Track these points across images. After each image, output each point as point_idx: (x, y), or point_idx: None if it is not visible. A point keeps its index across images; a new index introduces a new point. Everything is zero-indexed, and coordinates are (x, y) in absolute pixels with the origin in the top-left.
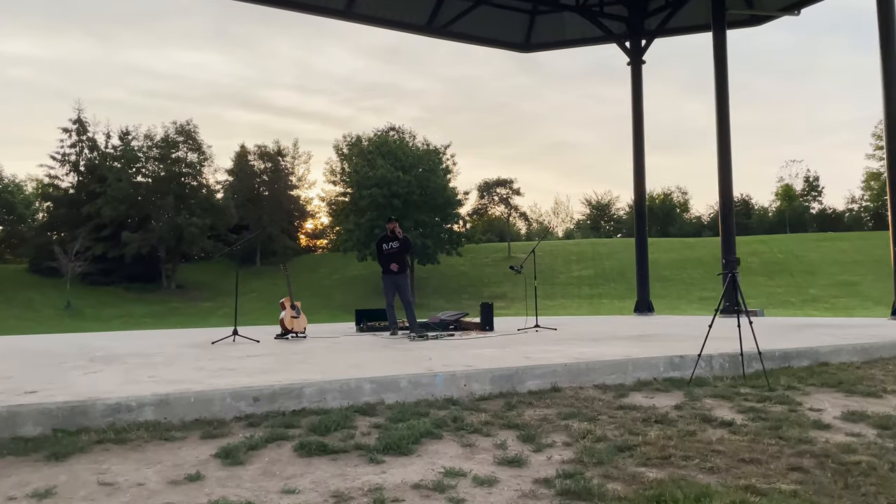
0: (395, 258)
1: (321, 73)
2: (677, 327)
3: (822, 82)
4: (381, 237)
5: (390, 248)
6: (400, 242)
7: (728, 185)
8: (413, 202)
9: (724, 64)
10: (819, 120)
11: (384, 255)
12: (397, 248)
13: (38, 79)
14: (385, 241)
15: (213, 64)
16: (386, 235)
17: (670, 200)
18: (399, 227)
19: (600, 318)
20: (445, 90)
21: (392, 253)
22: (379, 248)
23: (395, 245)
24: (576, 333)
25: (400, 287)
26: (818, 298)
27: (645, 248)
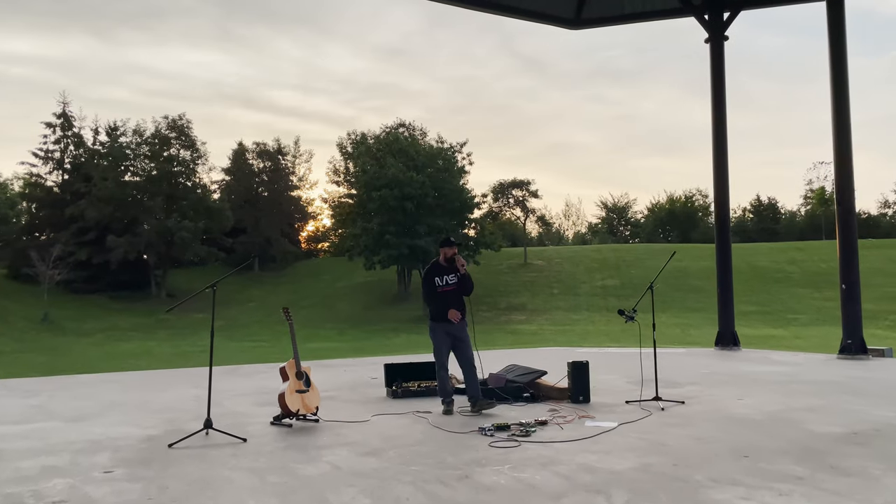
0: (453, 301)
1: (323, 73)
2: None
3: (819, 85)
4: (432, 267)
5: (446, 284)
6: (460, 278)
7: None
8: (427, 205)
9: (843, 40)
10: (821, 122)
11: (437, 295)
12: (456, 286)
13: (38, 77)
14: (438, 274)
15: (215, 64)
16: (438, 264)
17: (692, 203)
18: (459, 256)
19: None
20: (448, 91)
21: (449, 292)
22: (429, 284)
23: (454, 281)
24: (735, 418)
25: (459, 342)
26: (877, 315)
27: (728, 264)
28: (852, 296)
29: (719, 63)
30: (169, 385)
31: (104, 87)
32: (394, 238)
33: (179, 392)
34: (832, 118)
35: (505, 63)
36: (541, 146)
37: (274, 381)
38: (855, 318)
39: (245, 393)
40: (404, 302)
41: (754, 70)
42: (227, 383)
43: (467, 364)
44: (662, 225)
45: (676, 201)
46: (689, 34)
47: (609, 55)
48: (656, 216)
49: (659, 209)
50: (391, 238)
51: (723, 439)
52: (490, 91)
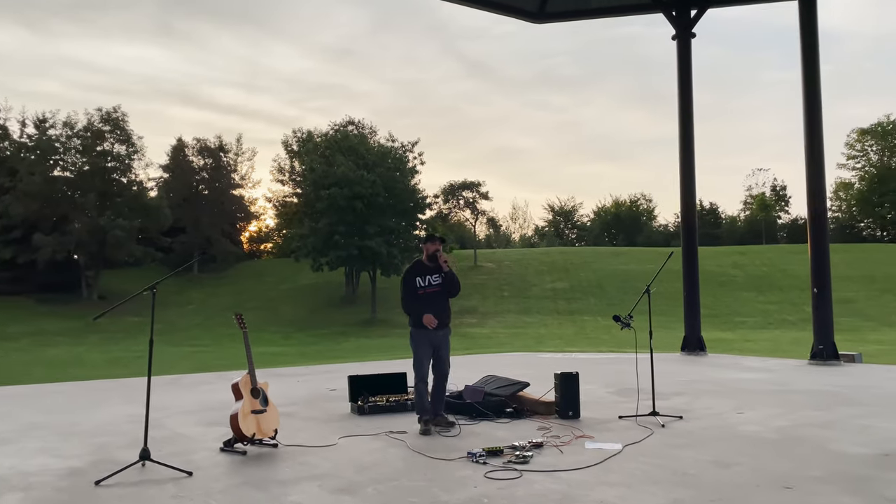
0: (436, 303)
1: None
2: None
3: (753, 96)
4: (414, 266)
5: (430, 285)
6: (444, 278)
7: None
8: (378, 205)
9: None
10: (756, 131)
11: (418, 297)
12: (440, 287)
13: None
14: (420, 274)
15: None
16: (420, 263)
17: (637, 208)
18: (443, 252)
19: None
20: (393, 93)
21: (433, 294)
22: (410, 285)
23: (438, 281)
24: (747, 437)
25: (440, 350)
26: None
27: (695, 269)
28: (824, 300)
29: (686, 60)
30: (100, 401)
31: (34, 80)
32: (343, 239)
33: (112, 410)
34: (804, 123)
35: (450, 66)
36: (486, 150)
37: (221, 394)
38: (826, 323)
39: (189, 410)
40: (352, 305)
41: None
42: (167, 397)
43: (441, 377)
44: (608, 228)
45: (622, 205)
46: (632, 43)
47: (553, 62)
48: (602, 220)
49: (605, 213)
50: (340, 239)
51: (747, 464)
52: (435, 94)
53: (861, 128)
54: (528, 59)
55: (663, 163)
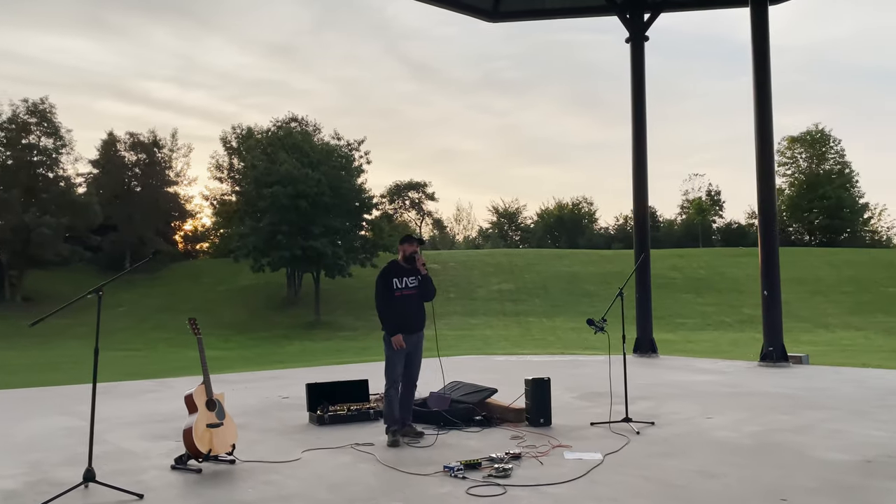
0: (411, 306)
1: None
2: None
3: (690, 104)
4: (390, 267)
5: (406, 287)
6: (421, 281)
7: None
8: (323, 204)
9: (766, 44)
10: (688, 137)
11: (395, 299)
12: (415, 290)
13: None
14: (397, 275)
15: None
16: (396, 264)
17: (579, 210)
18: (421, 255)
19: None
20: (334, 92)
21: (408, 297)
22: (385, 286)
23: (414, 284)
24: (724, 444)
25: (413, 355)
26: (755, 319)
27: (647, 270)
28: (773, 303)
29: (640, 64)
30: (30, 411)
31: None
32: (286, 239)
33: (45, 422)
34: (755, 129)
35: (393, 66)
36: (429, 151)
37: (164, 403)
38: (776, 326)
39: (130, 421)
40: (294, 307)
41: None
42: (104, 407)
43: (409, 382)
44: (551, 231)
45: (564, 208)
46: (573, 49)
47: (496, 65)
48: (545, 222)
49: (548, 215)
50: (283, 239)
51: (733, 474)
52: (377, 94)
53: (791, 136)
54: (470, 61)
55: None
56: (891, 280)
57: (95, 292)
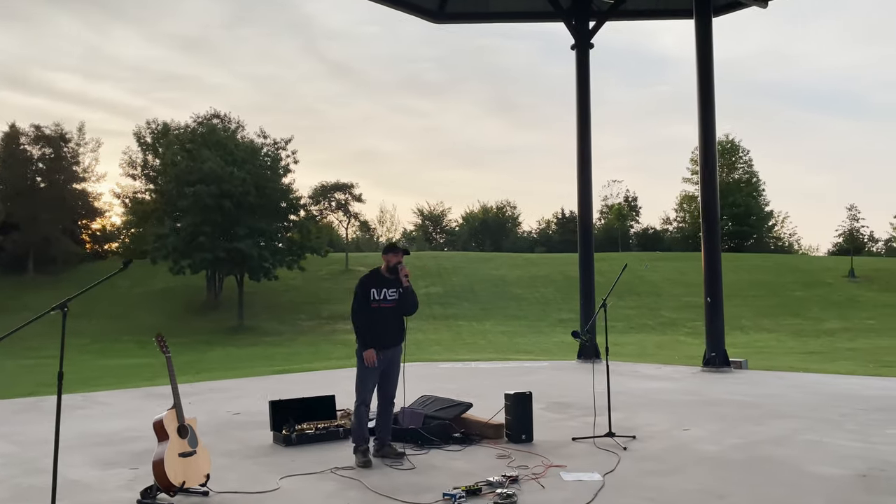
0: (389, 320)
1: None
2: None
3: (602, 111)
4: (370, 277)
5: (385, 299)
6: (402, 293)
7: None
8: (248, 204)
9: (710, 56)
10: (604, 144)
11: (371, 310)
12: (395, 302)
13: None
14: (376, 286)
15: None
16: (378, 274)
17: (503, 214)
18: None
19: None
20: (249, 88)
21: (387, 309)
22: (363, 297)
23: (394, 296)
24: (713, 458)
25: (389, 370)
26: (676, 322)
27: (591, 275)
28: (716, 310)
29: (584, 70)
30: None
31: None
32: (209, 240)
33: None
34: (699, 135)
35: (312, 65)
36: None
37: (101, 421)
38: (719, 332)
39: (69, 445)
40: (215, 311)
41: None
42: (34, 427)
43: (387, 400)
44: (476, 234)
45: (489, 211)
46: (492, 54)
47: (417, 67)
48: (471, 225)
49: (473, 218)
50: (206, 240)
51: (739, 493)
52: (295, 92)
53: None
54: (391, 62)
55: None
56: (796, 284)
57: (60, 308)
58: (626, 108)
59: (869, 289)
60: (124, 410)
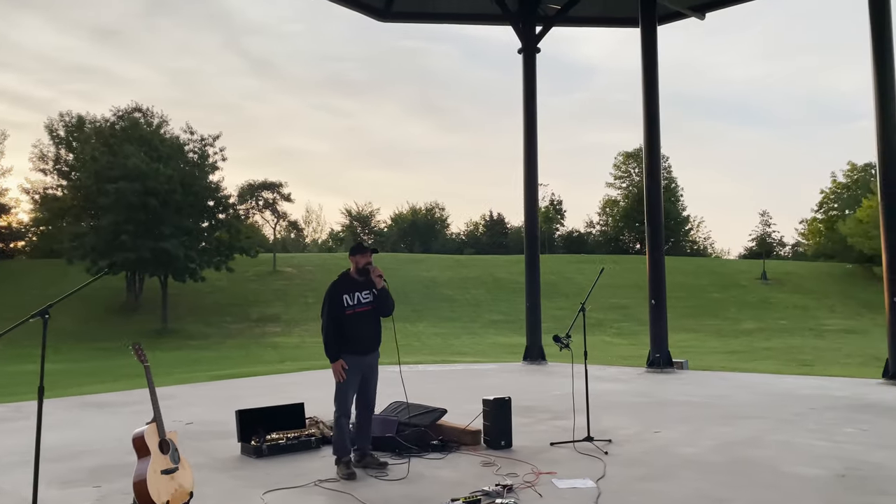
0: (366, 325)
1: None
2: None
3: (517, 116)
4: (341, 281)
5: (359, 303)
6: (376, 296)
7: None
8: (174, 202)
9: (655, 64)
10: (514, 149)
11: (346, 318)
12: (370, 306)
13: None
14: (348, 290)
15: None
16: (348, 277)
17: (432, 216)
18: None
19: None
20: (166, 82)
21: (363, 314)
22: (335, 304)
23: (368, 299)
24: (696, 461)
25: (369, 378)
26: (603, 323)
27: (537, 280)
28: (660, 312)
29: (531, 74)
30: None
31: None
32: (132, 239)
33: None
34: (644, 142)
35: (232, 60)
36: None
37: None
38: (662, 334)
39: (12, 461)
40: (136, 313)
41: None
42: None
43: (367, 407)
44: (405, 235)
45: (418, 213)
46: (417, 56)
47: (342, 66)
48: (400, 227)
49: (402, 220)
50: (129, 239)
51: (735, 498)
52: (214, 87)
53: (626, 151)
54: (314, 60)
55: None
56: (714, 287)
57: (41, 315)
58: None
59: (780, 290)
60: (61, 422)
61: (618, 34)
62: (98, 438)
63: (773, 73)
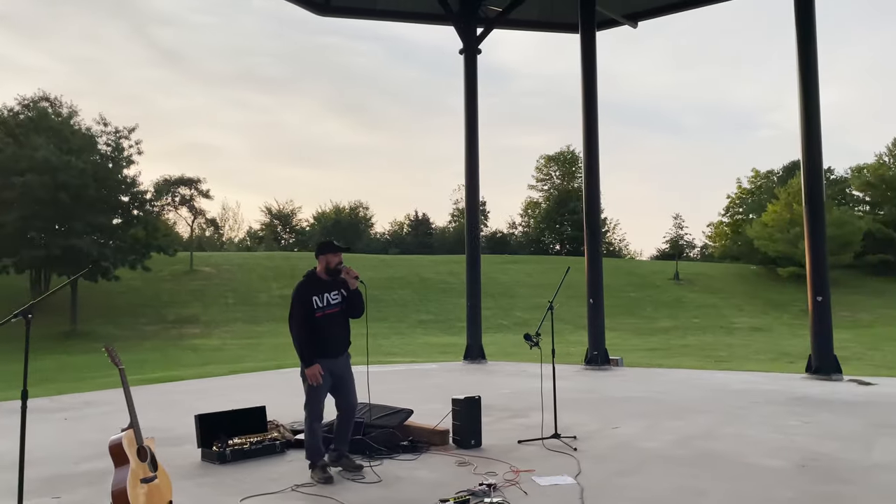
0: (336, 327)
1: None
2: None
3: (447, 118)
4: (309, 282)
5: (329, 305)
6: (346, 297)
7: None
8: (87, 197)
9: (594, 68)
10: (437, 149)
11: (316, 320)
12: (339, 307)
13: None
14: (317, 291)
15: None
16: (315, 278)
17: (357, 215)
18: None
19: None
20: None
21: (333, 315)
22: (305, 305)
23: (337, 300)
24: (664, 456)
25: (341, 381)
26: (528, 322)
27: (477, 280)
28: (597, 310)
29: (472, 74)
30: None
31: None
32: (41, 236)
33: None
34: (583, 146)
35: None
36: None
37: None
38: (600, 331)
39: None
40: (41, 314)
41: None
42: None
43: (348, 410)
44: (328, 234)
45: (342, 212)
46: (334, 53)
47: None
48: (323, 225)
49: (325, 219)
50: (37, 236)
51: (714, 489)
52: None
53: (548, 154)
54: (227, 54)
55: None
56: (631, 286)
57: (24, 315)
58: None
59: (691, 290)
60: None
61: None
62: (38, 446)
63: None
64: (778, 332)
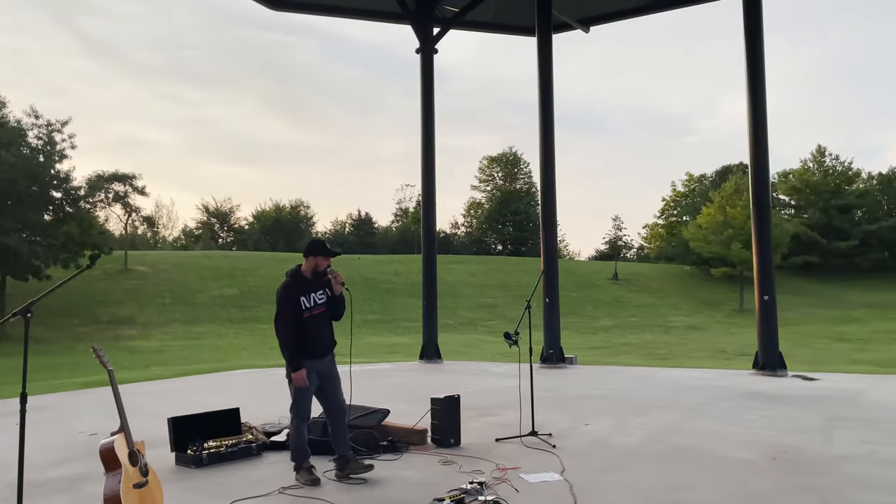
0: (321, 328)
1: None
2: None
3: (383, 117)
4: (294, 282)
5: (315, 305)
6: (330, 298)
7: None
8: (17, 193)
9: (550, 71)
10: (378, 149)
11: (304, 321)
12: (324, 307)
13: None
14: (304, 292)
15: None
16: (301, 277)
17: (298, 214)
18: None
19: (417, 376)
20: None
21: (318, 316)
22: (293, 305)
23: (322, 301)
24: (644, 452)
25: (327, 382)
26: (473, 321)
27: (434, 279)
28: (553, 310)
29: (429, 73)
30: None
31: None
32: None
33: None
34: (540, 147)
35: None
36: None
37: None
38: (556, 330)
39: None
40: None
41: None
42: None
43: (338, 411)
44: (268, 233)
45: (283, 210)
46: (272, 48)
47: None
48: (262, 224)
49: (265, 217)
50: None
51: (698, 483)
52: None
53: (490, 156)
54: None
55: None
56: (571, 286)
57: (23, 314)
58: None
59: (629, 290)
60: None
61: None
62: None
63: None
64: (713, 330)
